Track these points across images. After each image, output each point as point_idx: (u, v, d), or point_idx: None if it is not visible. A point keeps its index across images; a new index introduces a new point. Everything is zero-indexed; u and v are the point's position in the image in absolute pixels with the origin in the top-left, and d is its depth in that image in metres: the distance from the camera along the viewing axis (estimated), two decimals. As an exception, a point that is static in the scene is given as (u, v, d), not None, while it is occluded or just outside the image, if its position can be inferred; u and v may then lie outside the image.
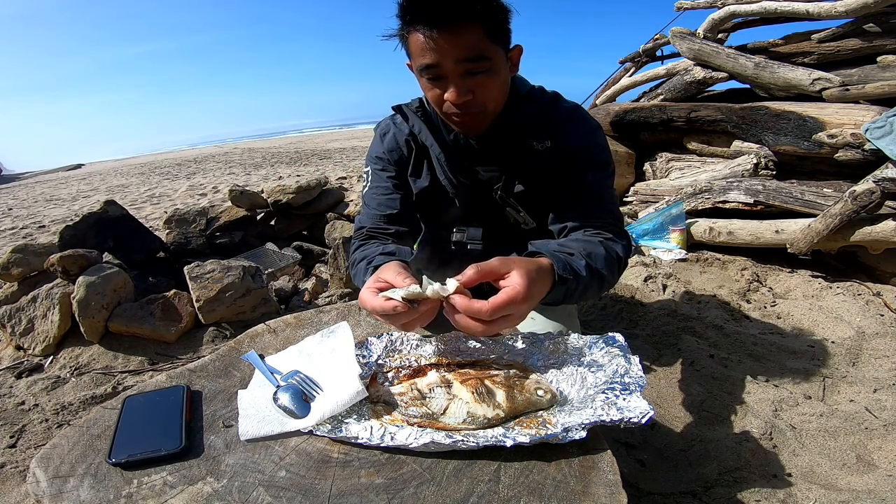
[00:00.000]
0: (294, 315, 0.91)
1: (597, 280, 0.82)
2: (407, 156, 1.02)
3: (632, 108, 3.21)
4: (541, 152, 0.95)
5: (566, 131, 0.96)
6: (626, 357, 0.68)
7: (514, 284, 0.64)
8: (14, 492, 1.26)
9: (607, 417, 0.59)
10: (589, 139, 0.97)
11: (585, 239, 0.90)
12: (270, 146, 16.48)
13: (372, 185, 1.04)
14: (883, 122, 2.01)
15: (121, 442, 0.62)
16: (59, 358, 1.86)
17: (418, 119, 0.98)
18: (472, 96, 0.83)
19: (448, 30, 0.78)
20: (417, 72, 0.87)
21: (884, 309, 1.87)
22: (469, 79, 0.82)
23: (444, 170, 0.99)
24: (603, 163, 0.98)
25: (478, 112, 0.87)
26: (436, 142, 0.97)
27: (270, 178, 7.05)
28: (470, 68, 0.81)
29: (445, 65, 0.81)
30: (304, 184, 3.01)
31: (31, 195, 8.36)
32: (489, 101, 0.86)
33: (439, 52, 0.79)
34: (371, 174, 1.05)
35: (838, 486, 1.12)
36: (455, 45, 0.78)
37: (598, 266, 0.82)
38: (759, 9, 2.98)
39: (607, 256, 0.85)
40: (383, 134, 1.05)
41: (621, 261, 0.90)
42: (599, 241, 0.88)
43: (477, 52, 0.80)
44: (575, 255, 0.80)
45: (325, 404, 0.65)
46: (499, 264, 0.67)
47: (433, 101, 0.90)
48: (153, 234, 2.60)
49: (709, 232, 2.43)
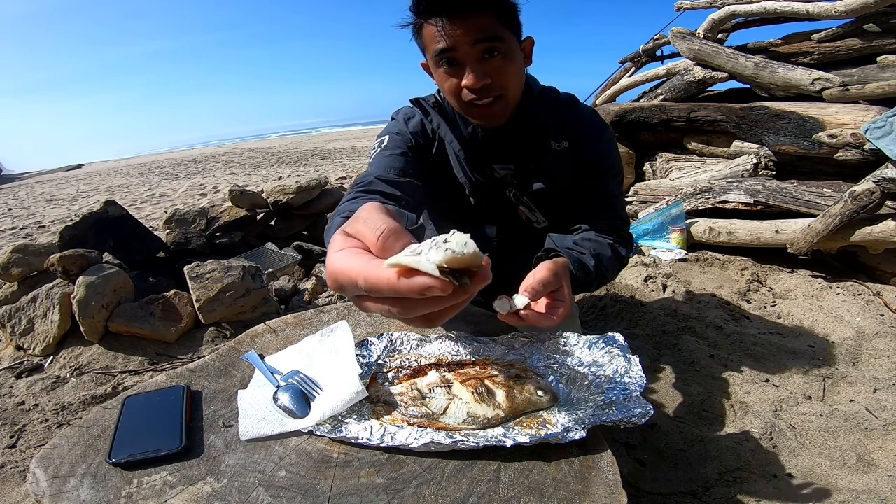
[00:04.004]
0: (294, 315, 0.91)
1: (600, 278, 0.90)
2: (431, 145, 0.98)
3: (632, 108, 3.21)
4: (558, 152, 0.97)
5: (586, 137, 0.97)
6: (626, 357, 0.68)
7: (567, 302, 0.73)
8: (14, 492, 1.26)
9: (607, 417, 0.59)
10: (607, 146, 1.00)
11: (596, 239, 0.96)
12: (270, 146, 16.48)
13: (386, 146, 0.95)
14: (883, 122, 2.01)
15: (121, 442, 0.62)
16: (59, 358, 1.86)
17: (436, 114, 0.97)
18: (490, 80, 0.83)
19: (463, 16, 0.79)
20: (433, 62, 0.86)
21: (884, 309, 1.87)
22: (485, 62, 0.83)
23: (463, 166, 0.98)
24: (618, 170, 1.04)
25: (497, 97, 0.86)
26: (455, 137, 0.96)
27: (270, 178, 7.05)
28: (486, 48, 0.81)
29: (461, 48, 0.81)
30: (304, 184, 3.00)
31: (31, 195, 8.35)
32: (508, 86, 0.86)
33: (454, 37, 0.80)
34: (387, 139, 0.96)
35: (838, 486, 1.12)
36: (470, 29, 0.80)
37: (605, 266, 0.91)
38: (759, 9, 2.98)
39: (613, 258, 0.94)
40: (408, 118, 1.01)
41: (623, 261, 0.99)
42: (608, 244, 0.96)
43: (491, 34, 0.81)
44: (586, 255, 0.88)
45: (325, 404, 0.65)
46: (553, 279, 0.73)
47: (450, 92, 0.88)
48: (153, 234, 2.60)
49: (709, 232, 2.43)
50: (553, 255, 0.83)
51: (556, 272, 0.73)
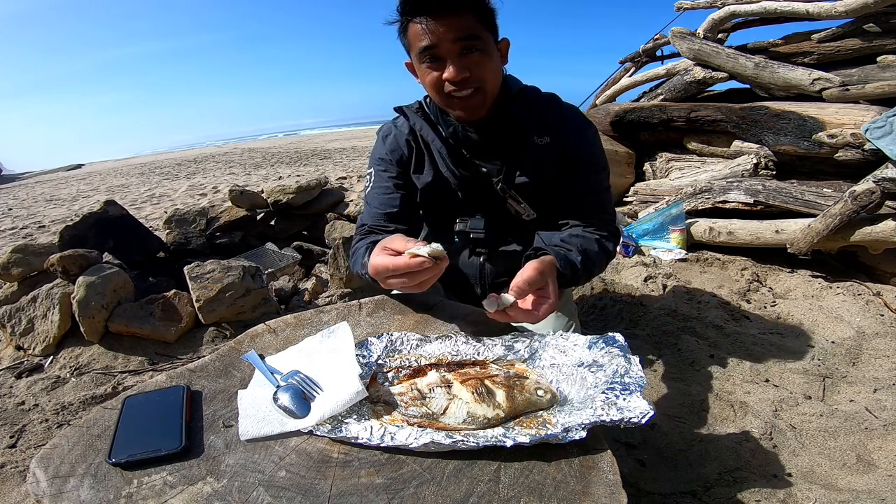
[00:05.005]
0: (294, 315, 0.91)
1: (587, 273, 0.95)
2: (408, 155, 1.08)
3: (632, 108, 3.21)
4: (541, 147, 1.02)
5: (567, 131, 1.03)
6: (626, 357, 0.68)
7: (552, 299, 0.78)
8: (14, 492, 1.26)
9: (607, 417, 0.59)
10: (588, 141, 1.05)
11: (584, 235, 1.01)
12: (270, 146, 16.48)
13: (374, 185, 1.10)
14: (883, 122, 2.01)
15: (121, 442, 0.62)
16: (59, 358, 1.86)
17: (418, 118, 1.05)
18: (469, 74, 0.91)
19: (445, 16, 0.87)
20: (417, 58, 0.94)
21: (884, 309, 1.87)
22: (465, 57, 0.90)
23: (446, 162, 1.04)
24: (602, 165, 1.07)
25: (476, 89, 0.93)
26: (436, 136, 1.03)
27: (270, 178, 7.05)
28: (466, 46, 0.89)
29: (443, 45, 0.89)
30: (304, 184, 3.01)
31: (31, 195, 8.36)
32: (486, 80, 0.93)
33: (437, 35, 0.88)
34: (374, 175, 1.11)
35: (838, 486, 1.12)
36: (451, 28, 0.87)
37: (592, 260, 0.96)
38: (759, 9, 2.98)
39: (599, 252, 0.99)
40: (385, 136, 1.11)
41: (610, 254, 1.04)
42: (595, 239, 1.01)
43: (471, 32, 0.89)
44: (573, 251, 0.93)
45: (325, 404, 0.65)
46: (539, 277, 0.78)
47: (432, 86, 0.95)
48: (153, 234, 2.60)
49: (709, 232, 2.43)
50: (542, 254, 0.87)
51: (541, 270, 0.79)
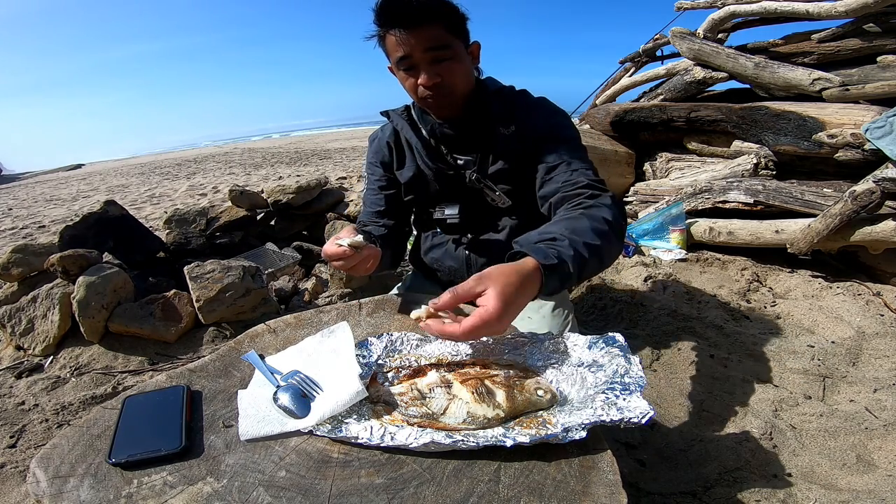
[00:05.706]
0: (294, 315, 0.91)
1: (588, 252, 0.78)
2: (390, 156, 1.21)
3: (632, 108, 3.21)
4: (507, 136, 1.08)
5: (528, 116, 1.10)
6: (626, 357, 0.68)
7: (487, 307, 0.65)
8: (14, 492, 1.26)
9: (607, 417, 0.59)
10: (550, 119, 1.10)
11: (566, 217, 0.88)
12: (270, 146, 16.48)
13: (366, 187, 1.26)
14: (883, 122, 2.00)
15: (121, 442, 0.62)
16: (59, 358, 1.86)
17: (402, 119, 1.16)
18: (441, 79, 0.99)
19: (416, 29, 0.94)
20: (395, 66, 1.02)
21: (884, 309, 1.87)
22: (436, 65, 0.98)
23: (423, 158, 1.14)
24: (566, 137, 1.08)
25: (448, 93, 1.01)
26: (415, 136, 1.14)
27: (270, 178, 7.05)
28: (436, 56, 0.97)
29: (415, 55, 0.97)
30: (304, 184, 3.01)
31: (31, 195, 8.36)
32: (456, 83, 1.02)
33: (410, 46, 0.96)
34: (366, 178, 1.27)
35: (838, 486, 1.12)
36: (422, 39, 0.95)
37: (587, 240, 0.79)
38: (759, 9, 2.98)
39: (593, 226, 0.83)
40: (372, 141, 1.26)
41: (612, 223, 0.86)
42: (580, 213, 0.87)
43: (440, 43, 0.96)
44: (557, 240, 0.78)
45: (325, 404, 0.65)
46: (474, 284, 0.68)
47: (410, 90, 1.04)
48: (153, 234, 2.60)
49: (709, 232, 2.43)
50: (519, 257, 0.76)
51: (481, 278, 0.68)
